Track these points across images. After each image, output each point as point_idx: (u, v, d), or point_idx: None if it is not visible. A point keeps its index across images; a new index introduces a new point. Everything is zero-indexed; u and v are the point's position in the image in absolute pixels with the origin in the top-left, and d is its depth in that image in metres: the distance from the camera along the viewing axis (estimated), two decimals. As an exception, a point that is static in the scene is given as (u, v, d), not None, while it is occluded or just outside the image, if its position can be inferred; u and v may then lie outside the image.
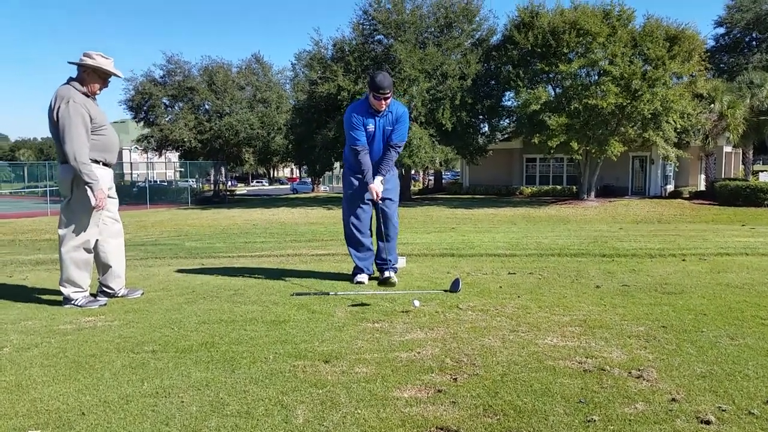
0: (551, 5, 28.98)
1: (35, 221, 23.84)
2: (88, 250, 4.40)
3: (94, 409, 2.45)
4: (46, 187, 37.33)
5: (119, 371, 2.88)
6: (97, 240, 4.48)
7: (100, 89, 4.38)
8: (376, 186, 4.91)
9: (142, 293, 4.75)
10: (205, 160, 41.56)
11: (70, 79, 4.28)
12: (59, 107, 4.12)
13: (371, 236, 5.19)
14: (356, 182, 5.05)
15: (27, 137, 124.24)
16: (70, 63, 4.27)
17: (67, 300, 4.38)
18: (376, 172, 4.96)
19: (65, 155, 4.15)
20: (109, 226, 4.58)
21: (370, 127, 4.87)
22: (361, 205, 5.07)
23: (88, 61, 4.24)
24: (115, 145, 4.49)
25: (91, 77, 4.28)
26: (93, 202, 4.26)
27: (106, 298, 4.52)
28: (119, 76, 4.51)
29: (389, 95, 4.77)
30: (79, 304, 4.34)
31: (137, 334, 3.52)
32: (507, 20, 30.81)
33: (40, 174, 44.74)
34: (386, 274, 5.00)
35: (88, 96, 4.28)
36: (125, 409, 2.43)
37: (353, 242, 5.14)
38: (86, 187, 4.22)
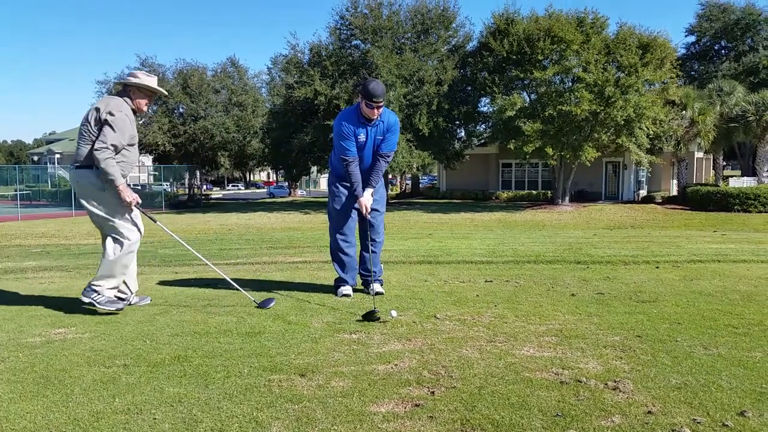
0: (526, 12, 29.39)
1: (5, 226, 23.32)
2: None
3: (63, 427, 2.38)
4: (17, 191, 36.58)
5: (90, 387, 2.81)
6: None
7: (146, 105, 4.55)
8: (366, 199, 4.69)
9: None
10: (179, 164, 41.10)
11: (121, 94, 4.39)
12: (110, 112, 4.18)
13: (356, 247, 5.01)
14: (344, 191, 4.83)
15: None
16: (117, 83, 4.36)
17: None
18: (367, 183, 4.72)
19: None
20: None
21: (362, 137, 4.65)
22: (349, 215, 4.87)
23: (133, 80, 4.37)
24: (135, 164, 4.58)
25: (136, 95, 4.41)
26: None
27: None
28: (164, 94, 4.72)
29: (382, 104, 4.56)
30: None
31: (108, 347, 3.44)
32: (483, 27, 31.14)
33: (10, 177, 43.79)
34: (373, 286, 4.82)
35: (135, 113, 4.44)
36: (96, 427, 2.37)
37: (338, 252, 4.91)
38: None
